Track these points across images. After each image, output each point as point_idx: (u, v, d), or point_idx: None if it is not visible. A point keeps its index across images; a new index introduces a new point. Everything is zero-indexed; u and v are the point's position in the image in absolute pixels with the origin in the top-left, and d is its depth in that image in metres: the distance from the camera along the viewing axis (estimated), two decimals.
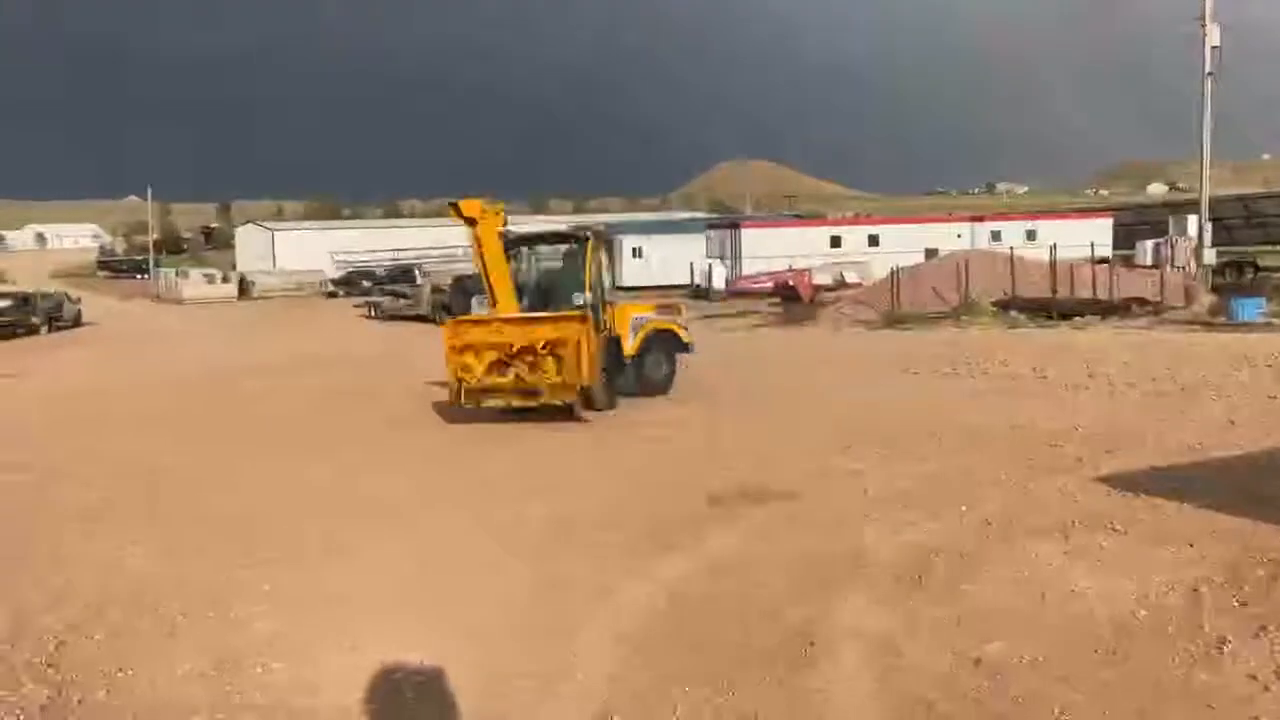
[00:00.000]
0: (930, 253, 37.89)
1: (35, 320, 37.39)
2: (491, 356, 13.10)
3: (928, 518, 7.87)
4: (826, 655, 5.45)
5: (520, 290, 14.33)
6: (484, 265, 13.69)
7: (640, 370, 14.87)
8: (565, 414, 13.02)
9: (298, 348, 27.83)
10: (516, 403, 13.12)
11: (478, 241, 13.58)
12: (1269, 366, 14.94)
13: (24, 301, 39.49)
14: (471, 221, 13.53)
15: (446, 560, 7.57)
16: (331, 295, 60.64)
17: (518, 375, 13.03)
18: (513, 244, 14.51)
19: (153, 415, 16.20)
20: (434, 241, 73.20)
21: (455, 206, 13.70)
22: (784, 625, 5.91)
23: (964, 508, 8.08)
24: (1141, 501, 7.99)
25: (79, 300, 45.03)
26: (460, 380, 13.07)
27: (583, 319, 12.84)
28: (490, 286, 13.83)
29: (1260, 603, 5.83)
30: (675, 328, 15.58)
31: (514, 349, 12.95)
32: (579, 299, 13.95)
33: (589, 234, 14.69)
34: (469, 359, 13.12)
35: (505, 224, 14.00)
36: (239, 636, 6.12)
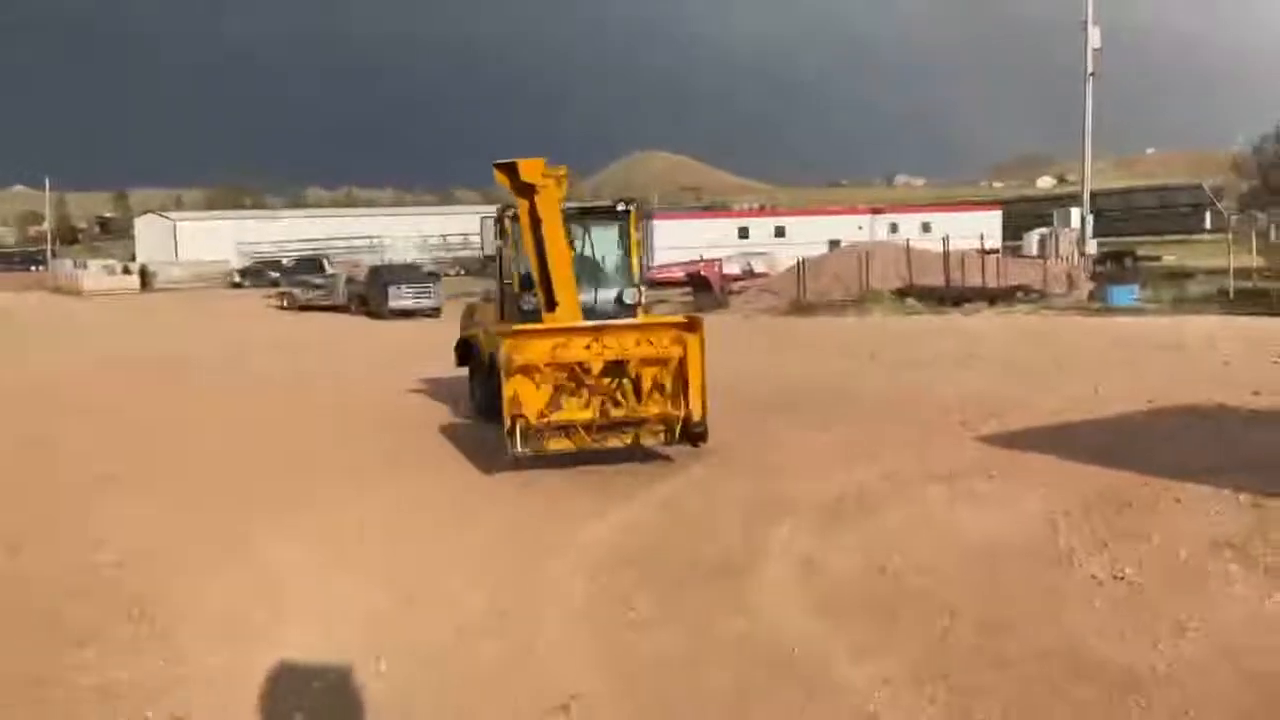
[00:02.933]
0: (833, 244, 39.70)
1: None
2: (556, 380, 9.39)
3: (838, 471, 9.16)
4: (758, 568, 6.69)
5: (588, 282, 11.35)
6: (538, 252, 10.06)
7: None
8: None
9: (216, 338, 27.98)
10: (595, 444, 9.47)
11: (531, 218, 9.91)
12: (1134, 346, 16.71)
13: None
14: (526, 190, 9.75)
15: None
16: (237, 286, 60.06)
17: (603, 408, 9.43)
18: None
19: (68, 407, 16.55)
20: (336, 232, 73.12)
21: (507, 168, 9.65)
22: (723, 547, 7.14)
23: (867, 462, 9.42)
24: (1014, 455, 9.43)
25: None
26: (515, 419, 9.17)
27: (691, 326, 9.52)
28: (546, 282, 10.19)
29: (1105, 530, 7.19)
30: None
31: (593, 370, 9.35)
32: (630, 296, 11.19)
33: (629, 206, 11.66)
34: (523, 386, 9.23)
35: (564, 195, 10.32)
36: None
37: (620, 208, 11.63)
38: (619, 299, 11.25)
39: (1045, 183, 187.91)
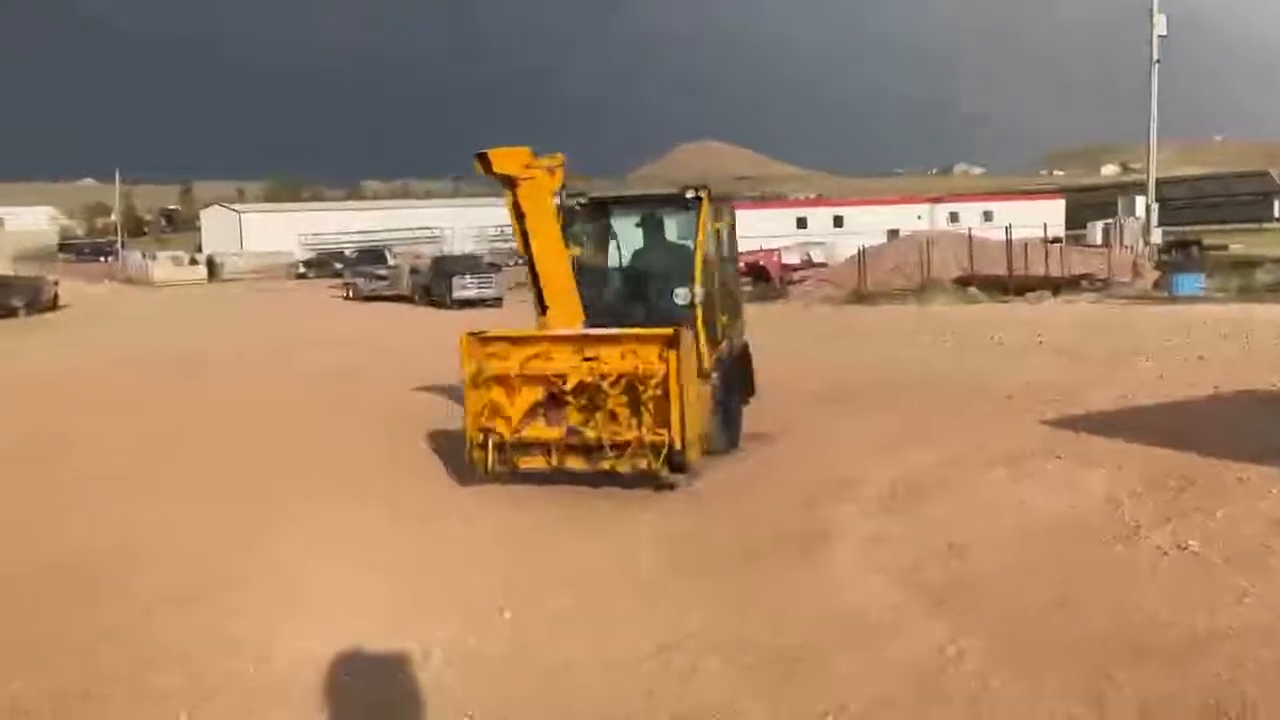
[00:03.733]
0: (892, 233, 39.66)
1: (15, 303, 37.43)
2: (534, 395, 8.66)
3: (903, 453, 9.42)
4: (828, 544, 6.99)
5: (603, 285, 10.19)
6: (527, 249, 9.02)
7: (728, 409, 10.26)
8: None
9: (287, 329, 28.62)
10: (572, 465, 8.55)
11: (516, 210, 8.91)
12: (1199, 334, 16.68)
13: (2, 285, 39.68)
14: (508, 182, 8.78)
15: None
16: (301, 277, 61.19)
17: (573, 427, 8.52)
18: (592, 212, 10.33)
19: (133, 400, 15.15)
20: (396, 223, 74.24)
21: (483, 160, 8.67)
22: (792, 524, 7.46)
23: (932, 446, 9.65)
24: (1079, 438, 9.59)
25: (56, 283, 45.28)
26: (486, 433, 8.55)
27: (670, 340, 8.20)
28: (537, 282, 9.13)
29: (1169, 506, 7.38)
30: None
31: (569, 384, 8.47)
32: (682, 296, 9.50)
33: (698, 193, 9.81)
34: (498, 397, 8.57)
35: (563, 186, 9.30)
36: None
37: (690, 195, 9.78)
38: (670, 300, 9.50)
39: (1109, 171, 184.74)
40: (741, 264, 36.97)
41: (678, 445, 8.12)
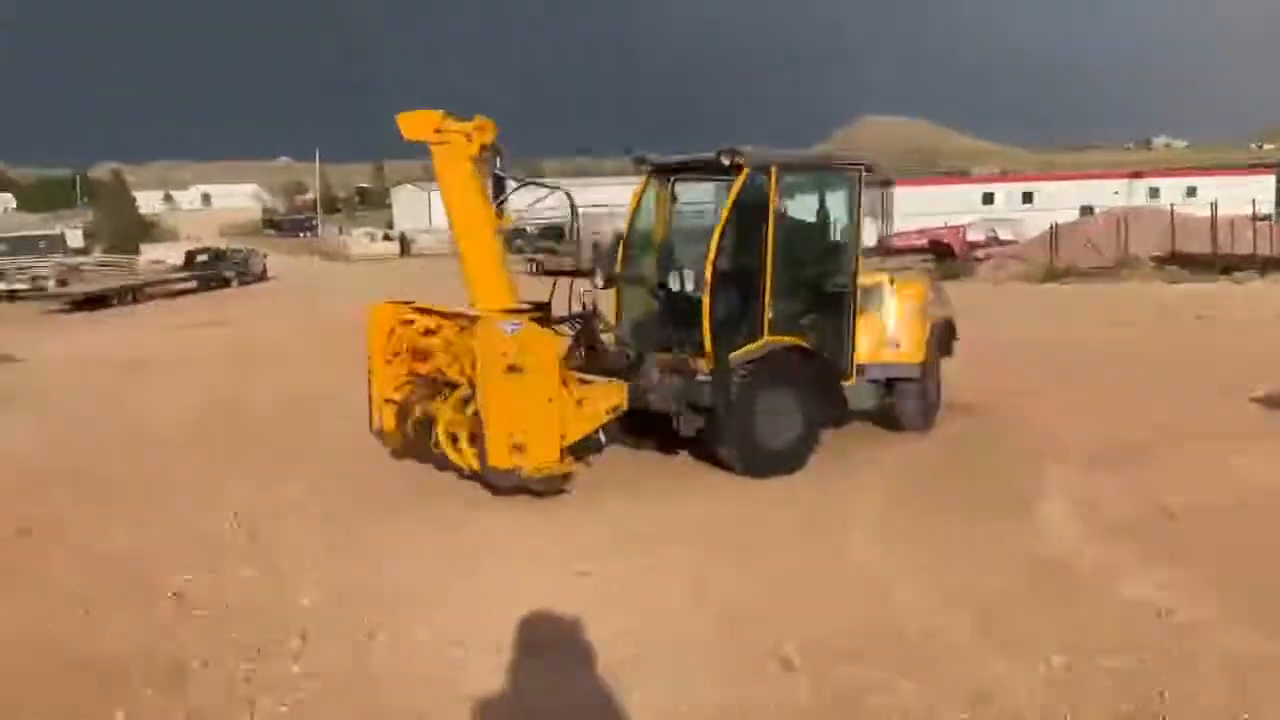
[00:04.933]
0: (1085, 209, 38.18)
1: (227, 274, 39.94)
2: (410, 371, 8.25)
3: (1110, 425, 9.52)
4: (1039, 504, 7.26)
5: (659, 258, 9.06)
6: (451, 221, 8.20)
7: (924, 391, 9.47)
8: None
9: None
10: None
11: (440, 178, 8.10)
12: None
13: (217, 257, 42.50)
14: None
15: None
16: None
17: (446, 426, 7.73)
18: (654, 178, 9.16)
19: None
20: (579, 200, 75.48)
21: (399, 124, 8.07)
22: (1002, 486, 7.76)
23: (1139, 417, 9.74)
24: None
25: (265, 256, 48.18)
26: (393, 404, 8.20)
27: (482, 326, 7.39)
28: (464, 261, 8.18)
29: None
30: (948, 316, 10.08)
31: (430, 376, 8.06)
32: (687, 279, 8.26)
33: (735, 159, 8.19)
34: (400, 371, 8.22)
35: (501, 154, 8.12)
36: None
37: (726, 161, 8.22)
38: (696, 284, 8.17)
39: None
40: (924, 241, 36.92)
41: (491, 459, 7.13)
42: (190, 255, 40.66)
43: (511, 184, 8.40)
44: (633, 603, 5.66)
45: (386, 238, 67.46)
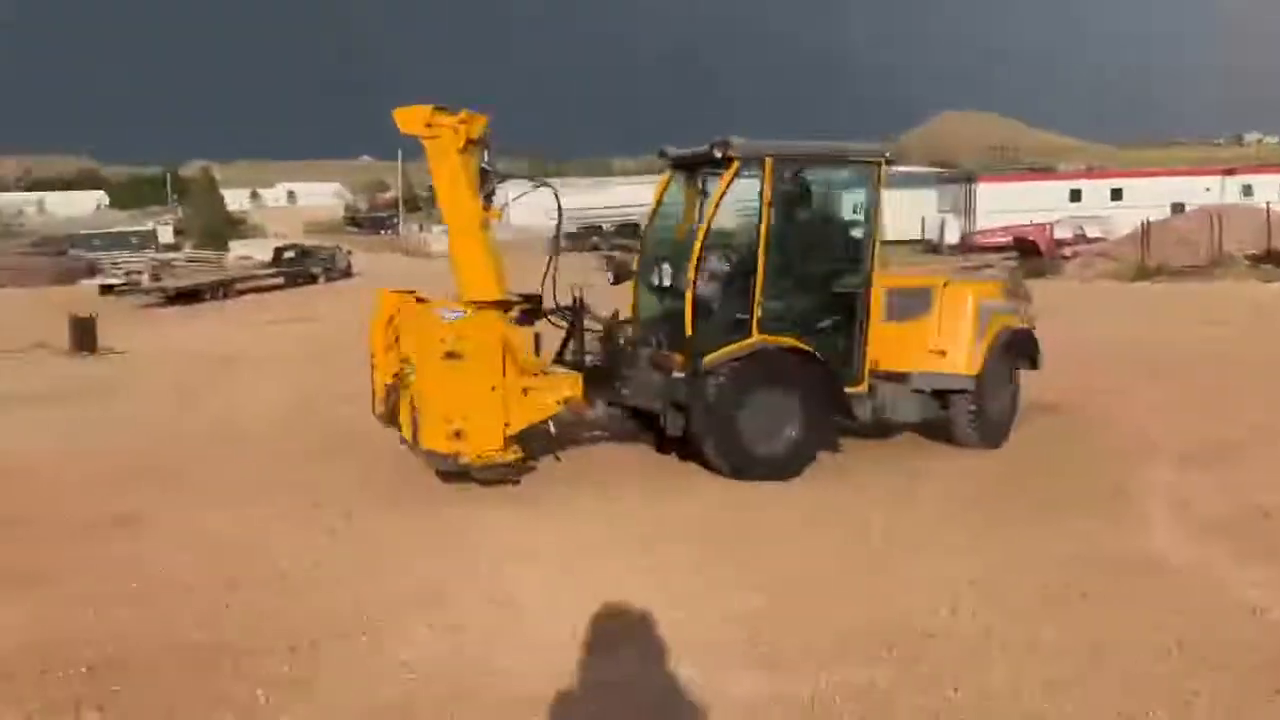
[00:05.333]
0: (1176, 207, 37.11)
1: (314, 271, 40.67)
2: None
3: (1202, 424, 9.37)
4: (1131, 503, 7.16)
5: (680, 256, 8.49)
6: (443, 213, 8.30)
7: (982, 404, 8.69)
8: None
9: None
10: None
11: (432, 172, 8.07)
12: None
13: (304, 253, 43.32)
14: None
15: None
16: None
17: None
18: (675, 171, 9.14)
19: None
20: (649, 197, 75.45)
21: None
22: (1092, 484, 7.65)
23: (1234, 416, 9.57)
24: None
25: (349, 253, 49.02)
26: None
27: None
28: (451, 252, 8.12)
29: None
30: (1031, 326, 9.32)
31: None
32: (667, 275, 8.41)
33: (727, 153, 8.00)
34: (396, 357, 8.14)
35: (487, 147, 8.03)
36: None
37: (719, 154, 7.99)
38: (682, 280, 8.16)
39: None
40: (1009, 238, 36.18)
41: (421, 439, 7.31)
42: (278, 252, 41.43)
43: (504, 179, 8.36)
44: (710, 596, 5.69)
45: None
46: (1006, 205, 40.61)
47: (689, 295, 7.87)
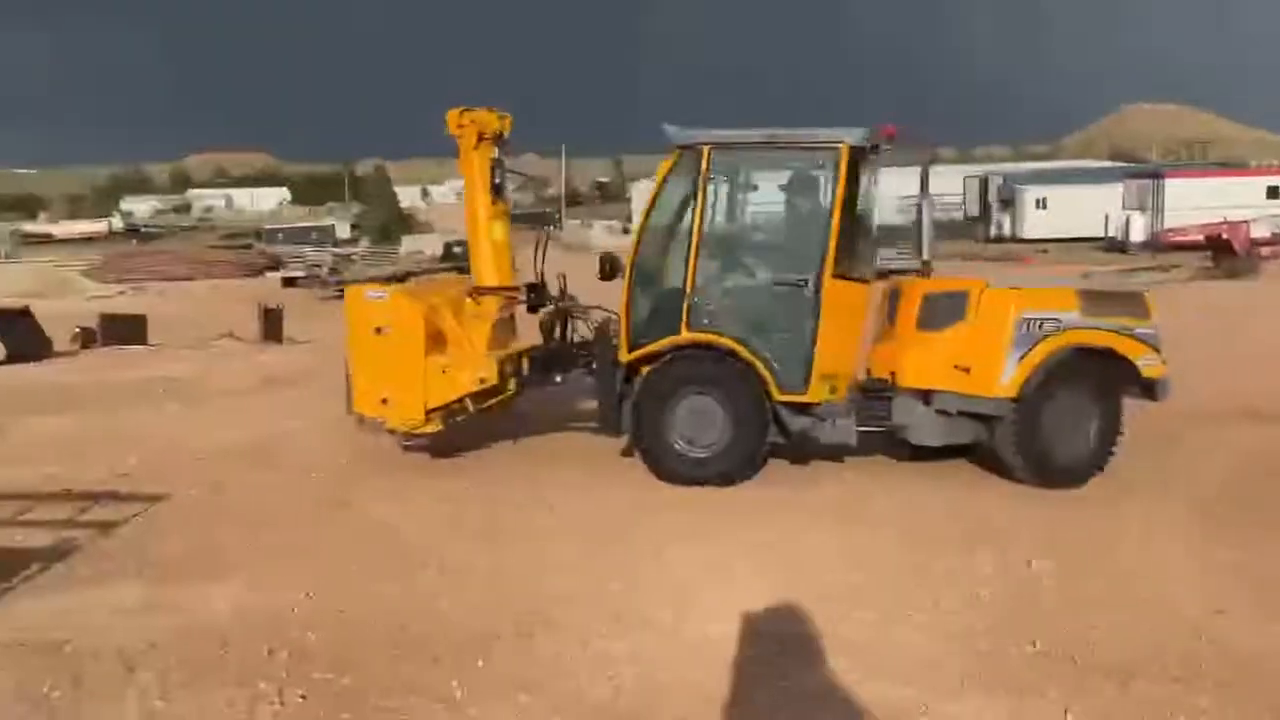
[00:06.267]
0: None
1: None
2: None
3: None
4: None
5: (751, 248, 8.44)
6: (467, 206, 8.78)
7: (1032, 434, 7.31)
8: None
9: None
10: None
11: (460, 168, 8.69)
12: None
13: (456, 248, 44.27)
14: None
15: None
16: None
17: None
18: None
19: None
20: None
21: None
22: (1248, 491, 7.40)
23: None
24: None
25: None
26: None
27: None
28: (469, 242, 8.85)
29: None
30: (1124, 345, 7.38)
31: None
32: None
33: (688, 143, 7.70)
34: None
35: (506, 144, 8.71)
36: None
37: (681, 143, 7.76)
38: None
39: None
40: (1200, 236, 34.15)
41: (352, 401, 8.19)
42: (448, 246, 42.70)
43: (510, 171, 8.83)
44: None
45: (625, 230, 69.03)
46: (1198, 203, 38.36)
47: (624, 289, 7.85)
